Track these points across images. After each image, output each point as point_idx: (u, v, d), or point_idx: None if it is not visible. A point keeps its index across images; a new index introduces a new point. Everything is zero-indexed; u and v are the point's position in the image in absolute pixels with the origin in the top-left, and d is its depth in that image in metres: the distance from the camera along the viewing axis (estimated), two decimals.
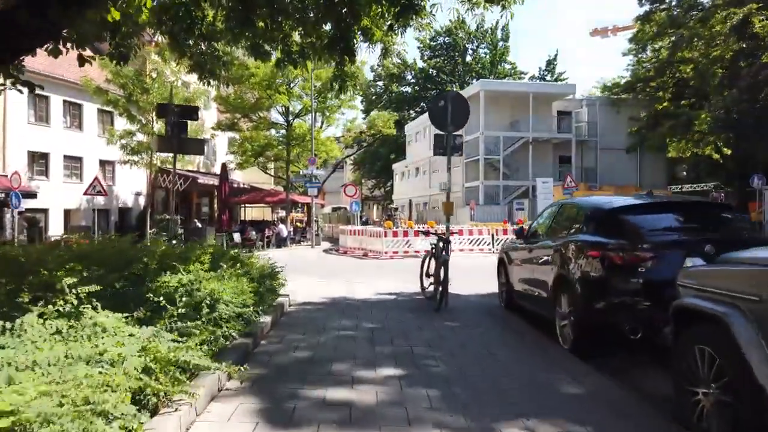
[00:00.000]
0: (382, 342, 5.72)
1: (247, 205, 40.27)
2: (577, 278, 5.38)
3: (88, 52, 6.57)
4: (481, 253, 20.27)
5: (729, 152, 35.25)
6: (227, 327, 4.77)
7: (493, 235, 20.43)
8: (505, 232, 20.84)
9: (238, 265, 7.02)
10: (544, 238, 6.78)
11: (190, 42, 8.92)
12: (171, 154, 23.49)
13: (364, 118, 39.28)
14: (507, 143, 33.66)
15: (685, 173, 37.13)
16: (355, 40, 8.51)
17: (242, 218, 40.48)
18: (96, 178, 20.18)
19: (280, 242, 26.64)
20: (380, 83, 57.63)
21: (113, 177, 26.57)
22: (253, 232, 25.60)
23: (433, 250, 8.60)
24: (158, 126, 21.08)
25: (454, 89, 50.90)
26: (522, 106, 34.34)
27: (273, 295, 7.33)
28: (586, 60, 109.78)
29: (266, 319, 6.07)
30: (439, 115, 8.07)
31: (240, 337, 5.00)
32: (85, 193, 19.99)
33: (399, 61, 56.40)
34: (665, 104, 34.55)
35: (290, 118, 27.74)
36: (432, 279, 8.41)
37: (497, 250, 21.53)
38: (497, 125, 34.10)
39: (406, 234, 19.67)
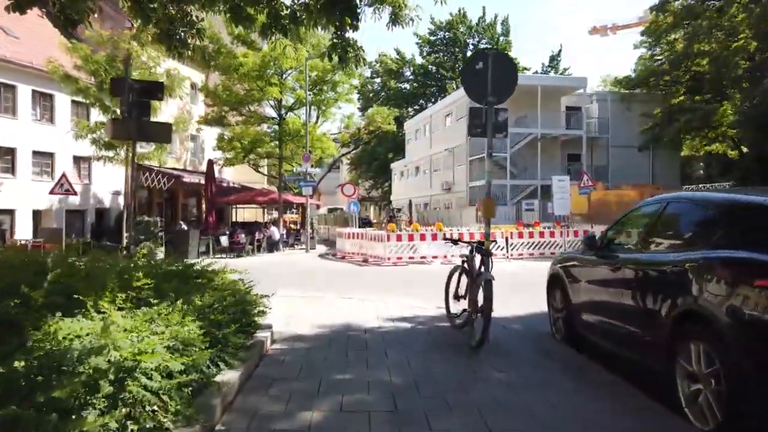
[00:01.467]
0: (413, 419, 3.63)
1: (238, 206, 38.15)
2: (732, 319, 3.31)
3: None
4: (494, 259, 18.15)
5: (746, 150, 33.55)
6: (146, 415, 2.67)
7: (507, 239, 18.37)
8: (520, 235, 18.77)
9: (197, 294, 4.91)
10: (637, 250, 4.72)
11: (155, 5, 7.07)
12: (151, 149, 21.55)
13: (361, 116, 37.10)
14: (513, 140, 31.62)
15: (701, 171, 35.22)
16: (358, 1, 6.68)
17: (233, 220, 38.37)
18: (63, 176, 18.02)
19: (272, 246, 24.52)
20: (378, 80, 55.59)
21: (89, 175, 24.36)
22: (243, 235, 23.47)
23: (465, 264, 6.52)
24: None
25: (455, 85, 48.95)
26: (529, 101, 32.28)
27: (248, 330, 5.25)
28: (585, 59, 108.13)
29: (231, 376, 3.97)
30: (475, 82, 5.96)
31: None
32: (51, 192, 17.83)
33: (397, 56, 54.62)
34: (681, 98, 32.65)
35: (283, 112, 25.59)
36: (465, 302, 6.33)
37: (511, 256, 19.94)
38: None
39: (411, 238, 17.59)
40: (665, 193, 21.15)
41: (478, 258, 6.31)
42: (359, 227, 24.10)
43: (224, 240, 22.43)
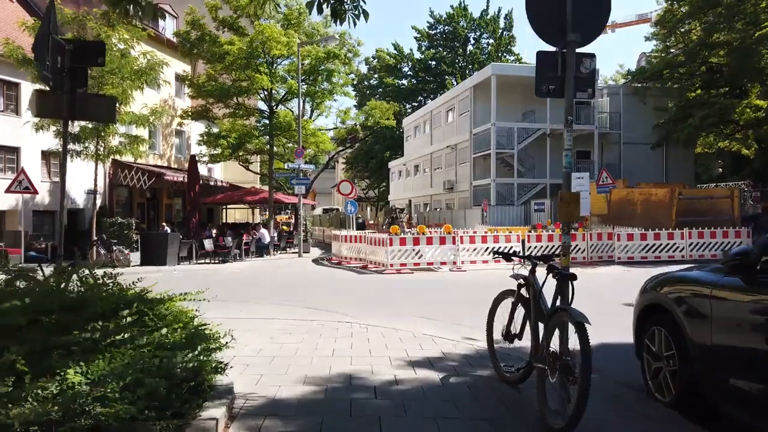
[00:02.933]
0: None
1: (228, 206, 36.03)
2: None
3: None
4: (508, 266, 16.12)
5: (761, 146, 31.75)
6: None
7: (524, 242, 16.31)
8: (538, 238, 16.76)
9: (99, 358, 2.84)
10: None
11: None
12: (124, 144, 19.41)
13: (358, 111, 35.00)
14: (521, 136, 29.66)
15: (720, 169, 33.34)
16: None
17: (224, 221, 36.25)
18: (22, 171, 15.91)
19: (262, 250, 22.42)
20: (375, 76, 53.53)
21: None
22: (229, 238, 21.37)
23: (523, 290, 4.49)
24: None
25: (455, 81, 46.99)
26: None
27: (194, 401, 3.20)
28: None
29: None
30: (546, 13, 3.90)
31: None
32: (7, 191, 15.72)
33: (395, 51, 52.60)
34: (698, 92, 30.76)
35: (274, 104, 23.48)
36: (519, 343, 4.29)
37: (527, 265, 16.93)
38: (510, 115, 30.09)
39: (417, 242, 15.54)
40: (690, 190, 18.89)
41: (539, 277, 4.29)
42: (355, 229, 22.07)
43: (208, 244, 20.32)
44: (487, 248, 16.18)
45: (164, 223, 24.16)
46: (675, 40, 33.53)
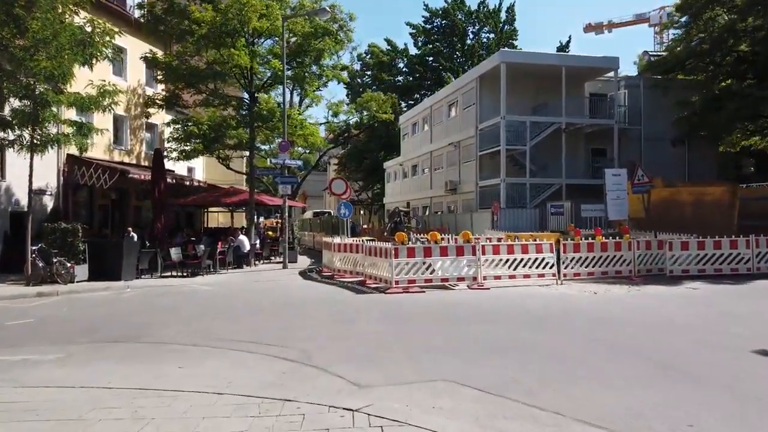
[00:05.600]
0: None
1: (211, 210, 32.69)
2: None
3: None
4: (538, 281, 13.07)
5: None
6: None
7: (558, 252, 13.26)
8: (576, 247, 13.64)
9: None
10: None
11: None
12: (70, 134, 16.00)
13: (350, 105, 31.82)
14: (533, 131, 26.65)
15: (752, 168, 30.50)
16: None
17: (206, 226, 32.91)
18: None
19: (240, 260, 19.20)
20: (368, 73, 50.38)
21: (2, 168, 18.86)
22: (201, 246, 18.14)
23: None
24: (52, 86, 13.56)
25: (453, 78, 43.93)
26: (549, 85, 27.42)
27: None
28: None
29: None
30: None
31: None
32: None
33: (389, 47, 49.55)
34: (728, 82, 27.93)
35: (254, 90, 20.23)
36: None
37: (564, 276, 12.86)
38: (520, 108, 27.09)
39: (428, 252, 12.39)
40: (750, 190, 15.63)
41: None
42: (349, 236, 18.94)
43: (175, 253, 17.07)
44: (515, 260, 13.08)
45: (130, 228, 20.85)
46: (696, 28, 30.74)
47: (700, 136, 28.08)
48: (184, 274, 16.95)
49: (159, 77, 20.29)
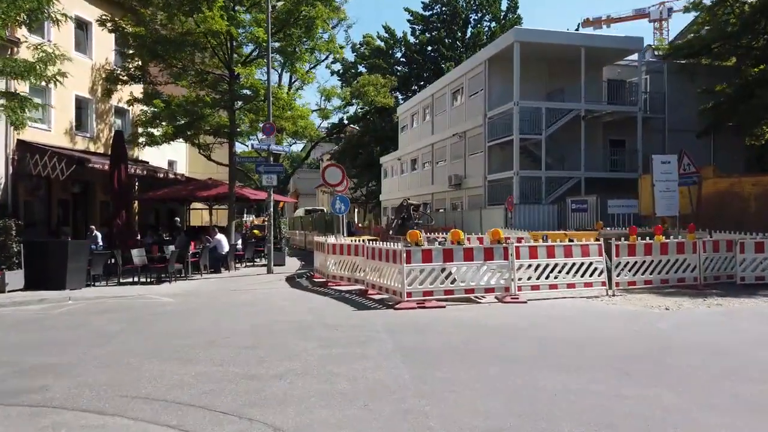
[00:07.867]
0: None
1: (195, 206, 29.79)
2: None
3: None
4: (584, 292, 10.36)
5: None
6: None
7: (610, 258, 10.53)
8: (631, 250, 10.90)
9: None
10: None
11: None
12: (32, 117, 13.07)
13: (345, 88, 28.99)
14: (549, 119, 23.99)
15: None
16: None
17: (189, 224, 30.01)
18: None
19: (218, 263, 16.38)
20: (364, 63, 47.54)
21: None
22: (171, 247, 15.32)
23: None
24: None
25: (452, 66, 41.15)
26: (564, 69, 24.79)
27: None
28: None
29: None
30: None
31: None
32: None
33: (386, 34, 46.80)
34: (762, 67, 25.40)
35: (234, 66, 17.36)
36: None
37: (617, 287, 10.36)
38: (535, 94, 24.42)
39: (449, 255, 9.63)
40: None
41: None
42: (346, 235, 16.20)
43: (137, 255, 14.20)
44: (555, 265, 10.36)
45: (93, 227, 18.00)
46: (722, 9, 28.18)
47: (727, 127, 25.55)
48: (149, 280, 14.13)
49: (130, 51, 17.39)
